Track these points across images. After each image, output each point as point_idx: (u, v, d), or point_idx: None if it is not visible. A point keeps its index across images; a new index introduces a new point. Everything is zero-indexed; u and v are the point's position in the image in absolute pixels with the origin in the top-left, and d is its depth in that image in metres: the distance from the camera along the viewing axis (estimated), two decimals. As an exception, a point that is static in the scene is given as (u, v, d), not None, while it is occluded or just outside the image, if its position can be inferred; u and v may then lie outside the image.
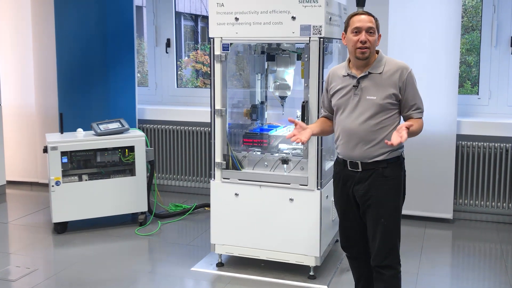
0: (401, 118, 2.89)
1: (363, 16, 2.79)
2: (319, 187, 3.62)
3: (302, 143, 2.87)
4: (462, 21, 4.74)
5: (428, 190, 4.89)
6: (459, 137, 4.91)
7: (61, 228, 4.69)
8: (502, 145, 4.84)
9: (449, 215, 4.92)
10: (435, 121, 4.73)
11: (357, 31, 2.78)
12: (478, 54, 5.16)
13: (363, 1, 3.91)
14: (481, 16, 5.04)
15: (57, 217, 4.62)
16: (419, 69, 4.27)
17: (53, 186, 4.55)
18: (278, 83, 4.07)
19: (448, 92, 4.77)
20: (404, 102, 2.81)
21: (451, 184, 4.88)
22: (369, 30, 2.77)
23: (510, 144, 4.83)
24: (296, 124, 2.91)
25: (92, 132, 4.77)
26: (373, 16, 2.82)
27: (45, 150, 4.58)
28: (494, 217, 4.98)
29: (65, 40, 5.53)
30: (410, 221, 4.84)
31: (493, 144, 4.87)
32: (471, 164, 4.96)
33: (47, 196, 4.95)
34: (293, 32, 3.53)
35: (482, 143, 4.90)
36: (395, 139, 2.59)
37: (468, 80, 5.71)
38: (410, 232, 4.63)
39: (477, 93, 5.16)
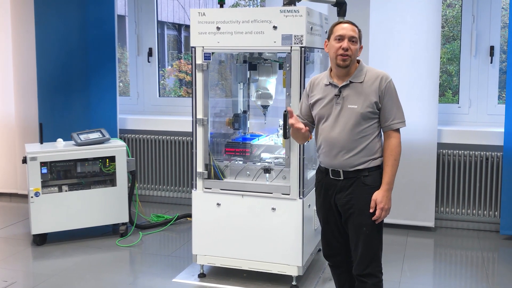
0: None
1: (347, 25, 2.84)
2: (301, 196, 3.62)
3: (301, 130, 2.86)
4: (443, 31, 4.80)
5: (409, 199, 4.91)
6: (440, 145, 4.95)
7: (41, 240, 4.61)
8: (482, 153, 4.89)
9: (430, 223, 4.94)
10: (416, 129, 4.76)
11: (340, 38, 2.81)
12: (459, 63, 5.22)
13: (344, 11, 3.95)
14: (461, 26, 5.10)
15: (37, 229, 4.55)
16: (400, 78, 4.30)
17: (32, 197, 4.48)
18: (260, 92, 4.07)
19: (429, 101, 4.81)
20: (382, 111, 2.83)
21: (432, 192, 4.91)
22: (351, 39, 2.80)
23: (490, 152, 4.88)
24: (292, 116, 2.88)
25: (73, 142, 4.71)
26: (356, 27, 2.86)
27: (24, 160, 4.52)
28: (475, 224, 5.02)
29: (45, 49, 5.48)
30: (392, 229, 4.86)
31: (473, 152, 4.91)
32: (452, 172, 5.00)
33: (26, 208, 4.87)
34: (275, 42, 3.54)
35: (462, 151, 4.94)
36: (377, 214, 2.81)
37: (450, 89, 5.77)
38: (392, 240, 4.64)
39: (458, 102, 5.22)
